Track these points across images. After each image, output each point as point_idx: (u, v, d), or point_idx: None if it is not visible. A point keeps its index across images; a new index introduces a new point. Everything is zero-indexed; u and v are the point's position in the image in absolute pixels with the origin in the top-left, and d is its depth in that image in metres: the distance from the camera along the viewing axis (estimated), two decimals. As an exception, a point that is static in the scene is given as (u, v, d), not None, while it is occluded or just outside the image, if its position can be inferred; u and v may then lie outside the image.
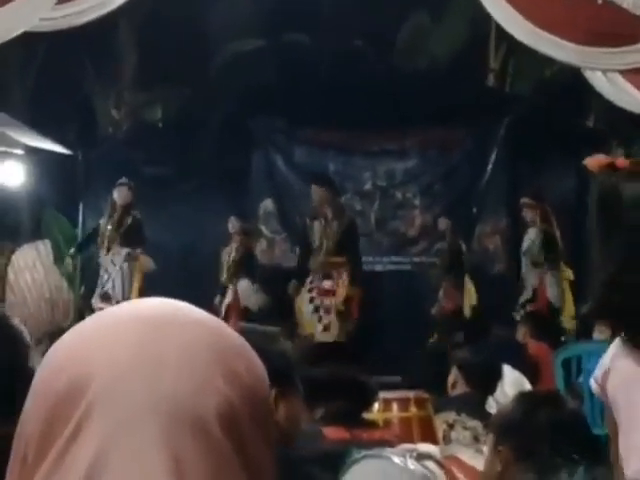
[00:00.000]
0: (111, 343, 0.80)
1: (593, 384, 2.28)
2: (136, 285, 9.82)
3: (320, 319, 9.25)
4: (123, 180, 9.96)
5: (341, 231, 9.41)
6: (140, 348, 0.79)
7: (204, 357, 0.80)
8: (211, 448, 0.76)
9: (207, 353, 0.80)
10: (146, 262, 9.88)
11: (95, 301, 9.84)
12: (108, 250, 9.85)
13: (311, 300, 9.32)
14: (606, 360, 2.24)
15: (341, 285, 9.34)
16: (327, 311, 9.27)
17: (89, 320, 0.85)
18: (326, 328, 9.20)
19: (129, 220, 9.85)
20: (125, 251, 9.81)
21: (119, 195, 9.86)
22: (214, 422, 0.77)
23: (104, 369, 0.78)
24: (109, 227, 9.90)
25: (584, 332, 7.55)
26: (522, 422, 2.87)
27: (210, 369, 0.79)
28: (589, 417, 4.08)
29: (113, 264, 9.79)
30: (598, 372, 2.26)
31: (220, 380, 0.79)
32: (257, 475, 0.79)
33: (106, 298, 9.71)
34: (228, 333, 0.84)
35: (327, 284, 9.39)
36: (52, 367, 0.82)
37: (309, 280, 9.50)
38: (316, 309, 9.31)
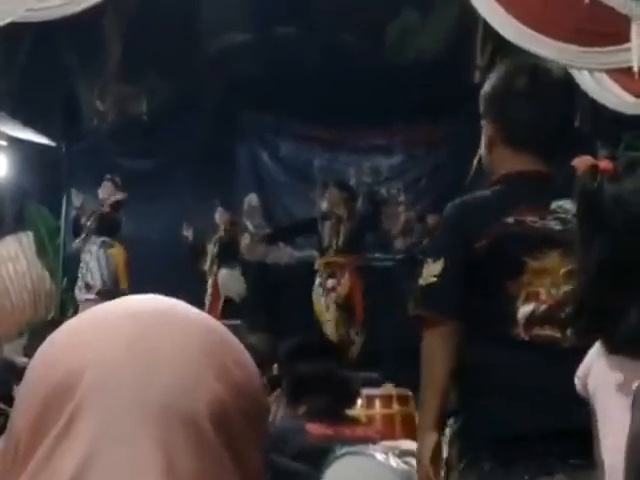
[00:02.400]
0: (104, 338, 0.79)
1: (576, 381, 2.28)
2: (122, 275, 9.83)
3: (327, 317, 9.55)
4: (108, 176, 9.99)
5: (352, 231, 9.69)
6: (133, 344, 0.78)
7: (195, 353, 0.79)
8: (202, 445, 0.76)
9: (198, 349, 0.80)
10: (121, 252, 9.91)
11: (78, 292, 9.84)
12: (85, 239, 9.91)
13: (325, 302, 9.63)
14: (588, 358, 2.25)
15: (342, 283, 9.57)
16: (327, 307, 9.56)
17: (83, 315, 0.85)
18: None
19: (113, 215, 9.88)
20: (100, 240, 9.83)
21: (103, 190, 9.90)
22: (205, 419, 0.76)
23: (97, 363, 0.78)
24: (92, 219, 9.93)
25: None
26: (497, 89, 2.96)
27: (201, 366, 0.79)
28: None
29: (90, 253, 9.81)
30: (581, 370, 2.26)
31: (211, 377, 0.78)
32: (247, 472, 0.79)
33: (88, 288, 9.72)
34: (219, 329, 0.84)
35: (331, 282, 9.68)
36: (45, 360, 0.81)
37: (318, 280, 9.74)
38: (327, 308, 9.59)
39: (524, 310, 2.76)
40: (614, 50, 6.58)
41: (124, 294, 0.86)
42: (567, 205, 2.86)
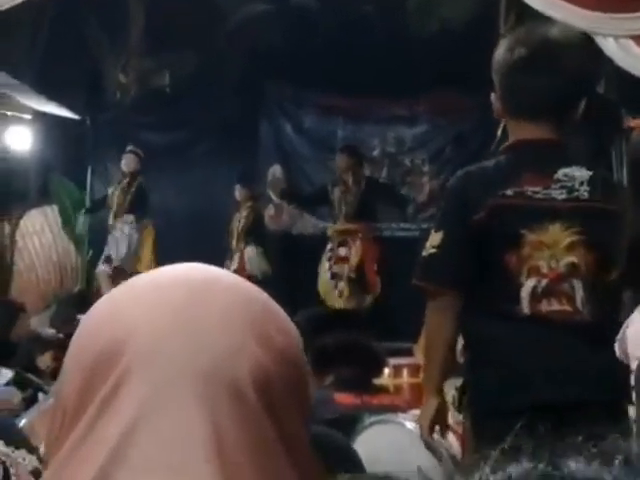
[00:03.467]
0: (150, 306, 0.81)
1: (616, 346, 2.30)
2: (147, 251, 9.87)
3: (336, 286, 9.37)
4: (130, 147, 9.98)
5: (359, 197, 9.58)
6: (178, 311, 0.80)
7: (239, 321, 0.81)
8: (246, 411, 0.77)
9: (242, 318, 0.81)
10: (150, 231, 9.95)
11: (99, 264, 9.90)
12: (116, 217, 9.90)
13: (329, 268, 9.47)
14: (630, 323, 2.25)
15: (354, 252, 9.44)
16: (341, 278, 9.40)
17: (127, 283, 0.86)
18: (340, 295, 9.37)
19: (137, 187, 9.90)
20: (131, 218, 9.85)
21: (126, 162, 9.92)
22: (248, 385, 0.78)
23: (143, 330, 0.79)
24: (117, 194, 9.95)
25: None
26: (501, 59, 2.95)
27: (245, 333, 0.80)
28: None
29: (121, 231, 9.83)
30: (621, 334, 2.27)
31: (254, 344, 0.80)
32: (288, 436, 0.80)
33: (108, 261, 9.77)
34: (262, 297, 0.86)
35: (342, 251, 9.56)
36: (90, 328, 0.83)
37: (328, 248, 9.68)
38: (333, 276, 9.49)
39: (528, 285, 2.76)
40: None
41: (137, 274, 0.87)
42: (576, 173, 2.85)
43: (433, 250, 2.85)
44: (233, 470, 0.75)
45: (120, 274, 9.47)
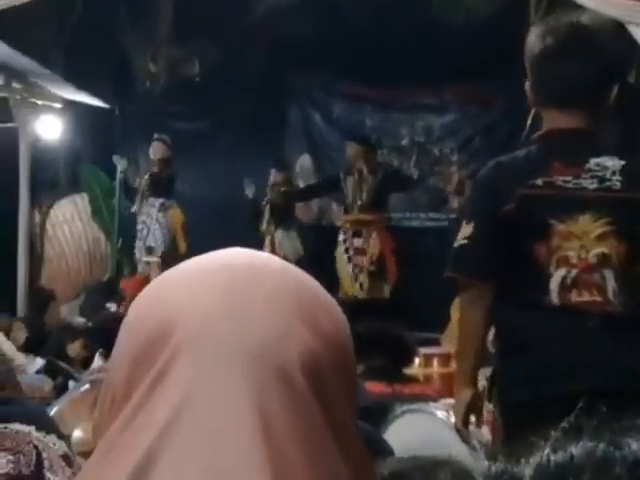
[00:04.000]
0: (198, 290, 0.81)
1: None
2: (180, 237, 9.90)
3: (357, 277, 9.37)
4: (157, 135, 10.00)
5: (375, 186, 9.48)
6: (226, 295, 0.80)
7: (288, 305, 0.80)
8: (294, 395, 0.77)
9: (290, 302, 0.81)
10: (178, 214, 9.97)
11: (139, 254, 9.91)
12: (142, 201, 9.94)
13: (349, 260, 9.43)
14: None
15: (372, 244, 9.41)
16: (361, 270, 9.38)
17: (175, 269, 0.86)
18: (361, 287, 9.35)
19: (166, 174, 9.92)
20: (159, 202, 9.88)
21: (153, 150, 9.94)
22: (297, 370, 0.77)
23: (191, 314, 0.79)
24: (144, 181, 9.98)
25: None
26: (530, 49, 2.92)
27: (293, 317, 0.80)
28: None
29: (149, 216, 9.86)
30: None
31: (303, 328, 0.79)
32: (336, 422, 0.79)
33: (150, 251, 9.79)
34: (310, 282, 0.86)
35: (357, 242, 9.50)
36: (140, 312, 0.83)
37: (342, 238, 9.57)
38: (353, 268, 9.44)
39: (557, 276, 2.75)
40: (674, 4, 6.46)
41: (183, 258, 0.87)
42: (608, 162, 2.83)
43: (464, 241, 2.84)
44: (281, 458, 0.74)
45: (167, 259, 9.49)
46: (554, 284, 2.74)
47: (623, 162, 2.84)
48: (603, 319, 2.73)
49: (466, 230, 2.84)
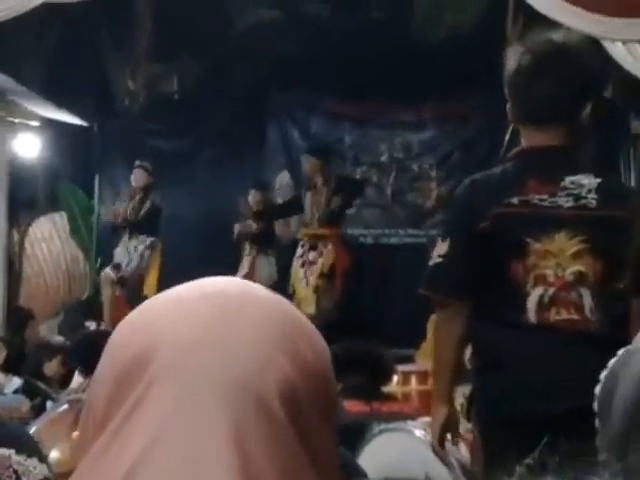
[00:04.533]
0: (179, 318, 0.81)
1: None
2: (154, 271, 9.86)
3: (306, 291, 9.28)
4: (139, 162, 9.95)
5: (330, 196, 9.40)
6: (207, 324, 0.80)
7: (268, 335, 0.80)
8: (272, 425, 0.77)
9: (272, 331, 0.81)
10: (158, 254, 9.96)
11: (106, 269, 9.88)
12: (131, 236, 9.87)
13: (304, 274, 9.35)
14: None
15: (325, 255, 9.33)
16: (308, 283, 9.31)
17: (160, 296, 0.86)
18: (315, 301, 9.15)
19: (148, 204, 9.86)
20: (150, 240, 9.84)
21: (135, 177, 9.88)
22: (275, 399, 0.77)
23: (171, 342, 0.79)
24: (129, 210, 9.91)
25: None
26: (510, 66, 2.92)
27: (274, 347, 0.80)
28: None
29: (135, 250, 9.82)
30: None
31: (282, 358, 0.80)
32: (315, 452, 0.79)
33: (116, 267, 9.75)
34: (291, 311, 0.86)
35: (312, 255, 9.39)
36: (121, 338, 0.83)
37: (299, 252, 9.52)
38: (307, 281, 9.32)
39: (534, 294, 2.75)
40: (649, 21, 6.51)
41: (140, 284, 0.88)
42: (583, 180, 2.83)
43: (439, 259, 2.84)
44: None
45: (124, 283, 9.49)
46: (531, 302, 2.74)
47: (599, 180, 2.85)
48: (580, 337, 2.74)
49: (441, 248, 2.84)
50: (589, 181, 2.83)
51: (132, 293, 9.44)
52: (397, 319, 9.52)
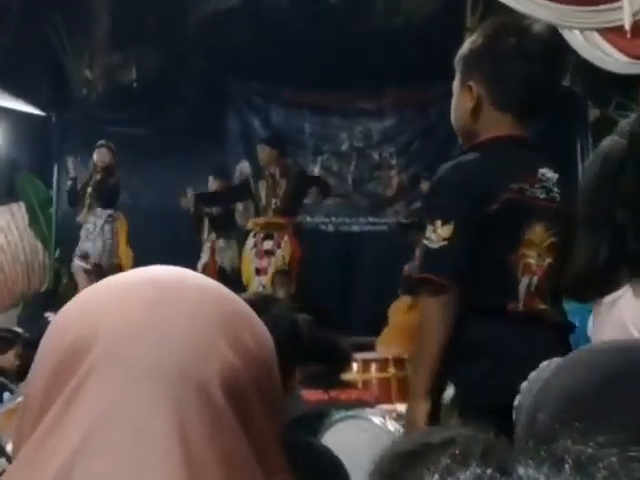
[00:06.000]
0: (118, 305, 0.80)
1: None
2: (123, 245, 9.81)
3: (260, 282, 9.26)
4: (102, 142, 9.91)
5: (289, 189, 9.41)
6: (146, 311, 0.79)
7: (209, 322, 0.80)
8: (213, 411, 0.76)
9: (212, 318, 0.80)
10: (123, 225, 9.89)
11: (75, 260, 9.79)
12: (89, 210, 9.81)
13: (259, 264, 9.35)
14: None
15: (283, 246, 9.33)
16: (265, 272, 9.27)
17: (99, 284, 0.86)
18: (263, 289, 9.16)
19: (111, 181, 9.82)
20: (107, 213, 9.78)
21: (98, 156, 9.84)
22: (217, 386, 0.77)
23: (110, 329, 0.78)
24: (89, 189, 9.85)
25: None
26: (487, 48, 2.89)
27: (214, 334, 0.79)
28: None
29: (94, 225, 9.75)
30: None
31: (224, 345, 0.79)
32: (257, 438, 0.79)
33: (84, 257, 9.68)
34: (233, 299, 0.85)
35: (267, 244, 9.37)
36: (60, 325, 0.82)
37: (252, 241, 9.49)
38: (257, 271, 9.30)
39: (523, 283, 2.76)
40: (607, 9, 6.55)
41: (118, 269, 0.87)
42: (548, 174, 2.83)
43: (444, 243, 2.72)
44: (201, 475, 0.73)
45: (98, 270, 9.41)
46: (521, 291, 2.75)
47: (557, 175, 2.85)
48: (555, 327, 2.77)
49: (444, 231, 2.72)
50: (551, 175, 2.84)
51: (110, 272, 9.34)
52: (358, 307, 9.54)
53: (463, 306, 2.76)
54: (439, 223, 2.74)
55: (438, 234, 2.74)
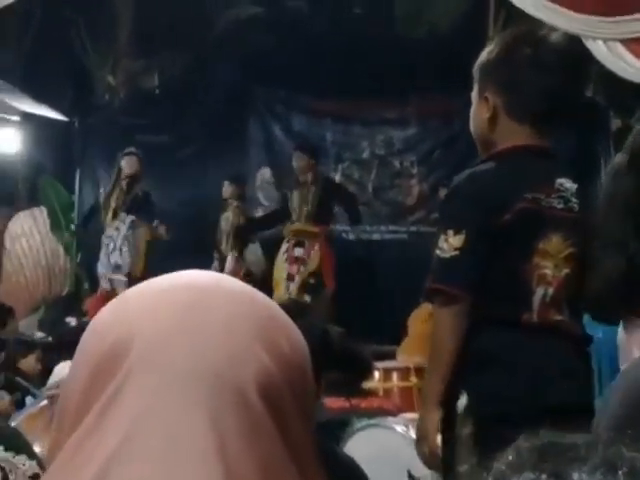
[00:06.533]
0: (155, 309, 0.81)
1: None
2: (141, 258, 9.77)
3: (288, 287, 9.26)
4: (131, 149, 9.88)
5: (319, 198, 9.40)
6: (183, 315, 0.80)
7: (245, 326, 0.80)
8: (249, 415, 0.76)
9: (247, 323, 0.81)
10: (156, 230, 9.82)
11: (105, 272, 9.72)
12: (114, 217, 9.76)
13: (289, 270, 9.34)
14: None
15: (312, 256, 9.32)
16: (292, 279, 9.28)
17: (136, 287, 0.86)
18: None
19: (139, 192, 9.78)
20: (130, 219, 9.74)
21: (127, 164, 9.77)
22: (252, 390, 0.77)
23: (147, 333, 0.79)
24: (115, 196, 9.80)
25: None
26: (503, 58, 2.89)
27: (250, 338, 0.79)
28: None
29: (117, 231, 9.73)
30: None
31: (260, 349, 0.79)
32: (293, 444, 0.79)
33: (118, 269, 9.64)
34: (268, 304, 0.85)
35: (298, 252, 9.37)
36: (97, 330, 0.83)
37: (284, 248, 9.49)
38: (288, 276, 9.31)
39: (538, 293, 2.74)
40: (630, 20, 6.52)
41: (141, 280, 0.88)
42: (567, 184, 2.83)
43: (455, 252, 2.72)
44: (237, 478, 0.73)
45: (132, 280, 9.37)
46: (536, 301, 2.73)
47: (576, 185, 2.84)
48: (571, 338, 2.76)
49: (456, 240, 2.72)
50: (570, 185, 2.83)
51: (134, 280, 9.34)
52: (378, 316, 9.52)
53: (476, 316, 2.75)
54: (451, 233, 2.75)
55: (450, 244, 2.74)
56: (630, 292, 2.13)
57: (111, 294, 9.41)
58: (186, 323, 0.79)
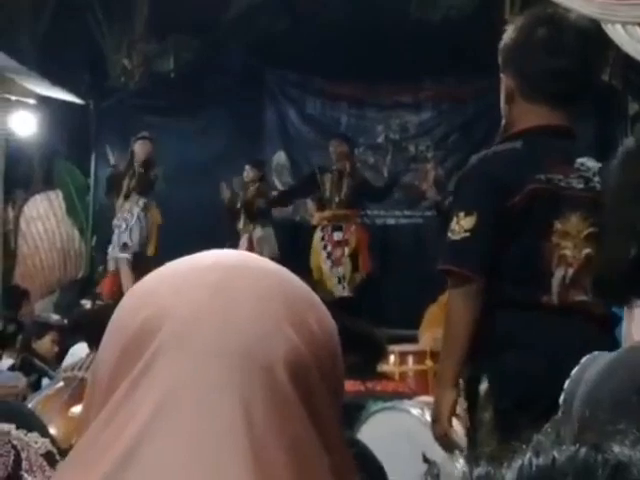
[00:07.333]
0: (186, 287, 0.81)
1: None
2: (152, 239, 9.81)
3: (336, 272, 9.41)
4: (145, 134, 9.90)
5: (353, 187, 9.51)
6: (215, 293, 0.80)
7: (275, 306, 0.80)
8: (278, 394, 0.77)
9: (278, 302, 0.81)
10: (157, 214, 9.91)
11: (112, 250, 9.79)
12: (126, 198, 9.80)
13: (328, 255, 9.41)
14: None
15: (350, 237, 9.43)
16: (340, 263, 9.36)
17: (164, 267, 0.86)
18: (340, 281, 9.32)
19: (151, 175, 9.82)
20: (143, 200, 9.78)
21: (140, 149, 9.79)
22: (282, 369, 0.77)
23: (178, 311, 0.79)
24: (127, 179, 9.83)
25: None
26: (517, 41, 2.90)
27: (280, 317, 0.80)
28: None
29: (131, 213, 9.76)
30: None
31: (290, 329, 0.79)
32: (321, 424, 0.79)
33: (125, 247, 9.69)
34: (297, 283, 0.85)
35: (337, 236, 9.48)
36: (128, 307, 0.83)
37: (320, 235, 9.53)
38: (333, 262, 9.41)
39: (558, 275, 2.73)
40: (648, 3, 6.49)
41: (152, 260, 0.88)
42: (589, 163, 2.81)
43: (466, 234, 2.72)
44: (264, 454, 0.74)
45: (140, 259, 9.41)
46: (555, 283, 2.72)
47: (599, 164, 2.83)
48: (594, 319, 2.74)
49: (466, 222, 2.72)
50: (592, 164, 2.82)
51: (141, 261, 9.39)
52: (395, 300, 9.53)
53: (495, 299, 2.74)
54: (462, 214, 2.75)
55: (461, 225, 2.73)
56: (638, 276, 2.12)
57: (115, 274, 9.50)
58: (216, 303, 0.79)
